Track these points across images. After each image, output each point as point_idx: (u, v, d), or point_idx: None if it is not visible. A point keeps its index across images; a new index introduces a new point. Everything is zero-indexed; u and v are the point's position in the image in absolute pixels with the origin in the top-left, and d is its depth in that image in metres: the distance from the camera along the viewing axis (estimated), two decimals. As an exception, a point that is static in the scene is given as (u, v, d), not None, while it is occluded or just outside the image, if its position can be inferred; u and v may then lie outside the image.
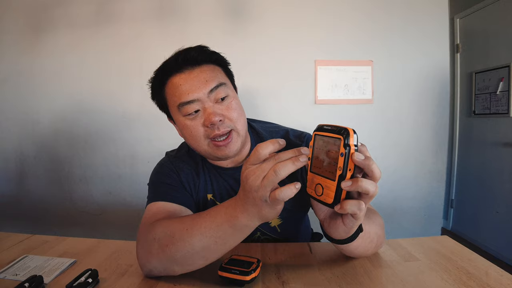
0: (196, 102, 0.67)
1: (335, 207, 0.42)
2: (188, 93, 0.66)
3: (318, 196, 0.43)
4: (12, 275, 0.62)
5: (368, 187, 0.40)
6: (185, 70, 0.69)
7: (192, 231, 0.52)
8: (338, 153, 0.40)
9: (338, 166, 0.40)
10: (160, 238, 0.56)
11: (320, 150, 0.42)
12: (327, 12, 2.11)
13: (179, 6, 2.08)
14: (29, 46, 2.11)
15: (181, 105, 0.68)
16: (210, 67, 0.71)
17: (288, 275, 0.62)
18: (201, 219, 0.53)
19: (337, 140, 0.40)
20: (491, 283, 0.57)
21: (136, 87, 2.09)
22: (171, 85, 0.70)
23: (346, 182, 0.40)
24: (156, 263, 0.57)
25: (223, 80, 0.71)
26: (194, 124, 0.68)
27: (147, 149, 2.11)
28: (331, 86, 2.11)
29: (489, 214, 2.31)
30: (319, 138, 0.43)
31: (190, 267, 0.56)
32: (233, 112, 0.69)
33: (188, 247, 0.52)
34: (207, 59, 0.71)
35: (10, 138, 2.18)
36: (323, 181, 0.42)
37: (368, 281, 0.59)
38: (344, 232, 0.50)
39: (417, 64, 2.14)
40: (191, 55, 0.70)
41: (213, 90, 0.68)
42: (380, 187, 1.87)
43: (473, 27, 2.48)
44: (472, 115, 2.49)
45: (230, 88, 0.73)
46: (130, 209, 2.11)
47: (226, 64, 0.77)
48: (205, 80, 0.67)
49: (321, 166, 0.42)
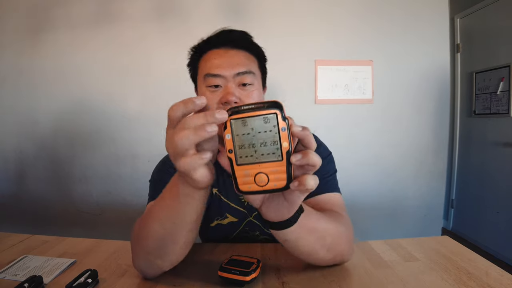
0: (221, 78, 0.70)
1: (291, 185, 0.37)
2: (217, 67, 0.70)
3: (262, 187, 0.37)
4: (12, 275, 0.62)
5: (315, 158, 0.37)
6: (222, 48, 0.73)
7: (152, 218, 0.52)
8: (278, 129, 0.36)
9: (281, 143, 0.36)
10: (136, 235, 0.57)
11: (245, 136, 0.37)
12: (327, 12, 2.11)
13: (179, 6, 2.08)
14: (29, 46, 2.11)
15: (207, 76, 0.71)
16: (246, 55, 0.74)
17: (288, 275, 0.62)
18: (157, 204, 0.52)
19: (272, 116, 0.36)
20: (491, 283, 0.57)
21: (136, 87, 2.09)
22: (206, 57, 0.74)
23: (296, 156, 0.36)
24: (140, 261, 0.57)
25: (254, 70, 0.73)
26: (212, 97, 0.70)
27: (147, 148, 2.11)
28: (331, 86, 2.11)
29: (489, 214, 2.30)
30: (238, 123, 0.36)
31: (168, 256, 0.54)
32: (251, 100, 0.71)
33: (154, 234, 0.52)
34: (247, 46, 0.75)
35: (10, 138, 2.18)
36: (264, 168, 0.37)
37: (368, 281, 0.59)
38: (286, 210, 0.45)
39: (417, 64, 2.14)
40: (232, 36, 0.74)
41: (240, 74, 0.70)
42: (380, 187, 1.87)
43: (473, 27, 2.47)
44: (472, 115, 2.49)
45: (258, 80, 0.75)
46: (130, 209, 2.11)
47: (263, 59, 0.80)
48: (236, 63, 0.70)
49: (254, 153, 0.37)
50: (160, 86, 2.08)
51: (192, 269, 0.64)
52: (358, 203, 2.12)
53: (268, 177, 0.37)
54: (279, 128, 0.36)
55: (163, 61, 2.07)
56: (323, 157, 0.77)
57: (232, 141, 0.37)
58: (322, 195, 0.71)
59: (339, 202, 0.73)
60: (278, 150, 0.36)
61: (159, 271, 0.58)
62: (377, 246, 0.76)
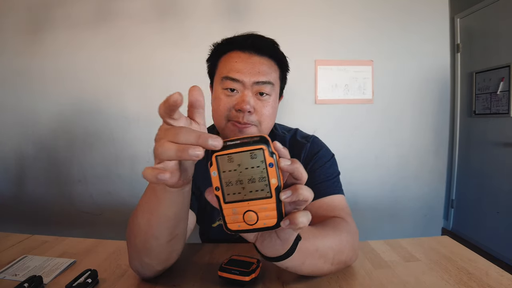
0: (239, 83, 0.69)
1: (281, 223, 0.36)
2: (238, 71, 0.68)
3: (252, 225, 0.36)
4: (12, 275, 0.62)
5: (306, 193, 0.36)
6: (247, 52, 0.71)
7: (136, 211, 0.52)
8: (266, 164, 0.34)
9: (270, 180, 0.34)
10: (127, 233, 0.56)
11: (232, 173, 0.35)
12: (327, 12, 2.11)
13: (179, 6, 2.08)
14: (28, 46, 2.11)
15: (225, 78, 0.69)
16: (270, 63, 0.73)
17: (288, 275, 0.61)
18: (140, 199, 0.51)
19: (258, 152, 0.34)
20: (492, 283, 0.57)
21: (136, 87, 2.09)
22: (228, 57, 0.72)
23: (286, 193, 0.35)
24: (133, 260, 0.56)
25: (274, 80, 0.72)
26: (226, 101, 0.70)
27: (147, 149, 2.11)
28: (331, 86, 2.11)
29: (489, 214, 2.30)
30: (223, 159, 0.35)
31: (154, 253, 0.53)
32: (265, 112, 0.71)
33: (137, 228, 0.51)
34: (271, 54, 0.73)
35: (10, 139, 2.17)
36: (254, 205, 0.35)
37: (368, 281, 0.59)
38: (281, 247, 0.44)
39: (417, 64, 2.14)
40: (261, 43, 0.72)
41: (259, 83, 0.69)
42: (381, 187, 1.87)
43: (473, 27, 2.48)
44: (472, 115, 2.49)
45: (276, 91, 0.74)
46: (130, 209, 2.10)
47: (286, 69, 0.79)
48: (258, 71, 0.69)
49: (242, 190, 0.35)
50: (159, 86, 2.08)
51: (192, 269, 0.64)
52: (358, 203, 2.12)
53: (257, 215, 0.36)
54: (267, 164, 0.34)
55: (163, 61, 2.07)
56: (325, 160, 0.77)
57: (219, 178, 0.36)
58: (326, 197, 0.70)
59: (342, 204, 0.71)
60: (267, 186, 0.35)
61: (153, 271, 0.57)
62: (377, 246, 0.76)
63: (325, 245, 0.55)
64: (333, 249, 0.56)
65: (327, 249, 0.55)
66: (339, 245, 0.58)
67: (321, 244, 0.54)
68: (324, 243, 0.55)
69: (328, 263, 0.56)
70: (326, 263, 0.56)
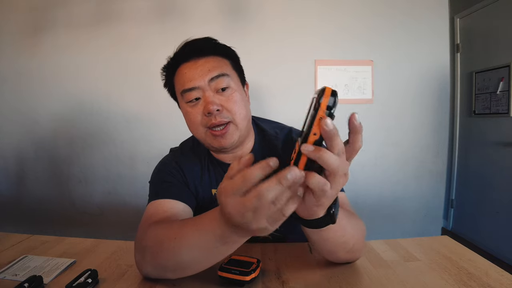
0: (197, 89, 0.69)
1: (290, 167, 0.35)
2: (190, 80, 0.69)
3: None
4: (12, 275, 0.62)
5: (330, 159, 0.34)
6: (191, 60, 0.71)
7: (180, 243, 0.50)
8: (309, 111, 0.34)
9: (304, 126, 0.34)
10: (151, 246, 0.55)
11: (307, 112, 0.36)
12: (327, 12, 2.11)
13: (178, 6, 2.08)
14: (28, 46, 2.11)
15: (183, 92, 0.70)
16: (217, 59, 0.72)
17: (288, 275, 0.62)
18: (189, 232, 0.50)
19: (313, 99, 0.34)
20: (492, 283, 0.57)
21: (136, 87, 2.09)
22: (178, 73, 0.73)
23: (307, 146, 0.34)
24: (150, 269, 0.57)
25: (227, 71, 0.72)
26: (194, 111, 0.70)
27: (147, 149, 2.11)
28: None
29: (489, 214, 2.30)
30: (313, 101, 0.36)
31: (183, 274, 0.55)
32: (233, 104, 0.70)
33: (178, 258, 0.51)
34: (214, 50, 0.73)
35: (10, 139, 2.18)
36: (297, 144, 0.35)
37: (368, 281, 0.59)
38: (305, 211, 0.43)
39: (417, 63, 2.14)
40: (197, 46, 0.72)
41: (213, 79, 0.69)
42: (381, 187, 1.87)
43: (473, 27, 2.47)
44: (472, 115, 2.48)
45: (234, 81, 0.73)
46: (130, 209, 2.11)
47: (235, 57, 0.78)
48: (207, 70, 0.69)
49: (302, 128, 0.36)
50: (159, 86, 2.07)
51: (192, 269, 0.64)
52: (358, 203, 2.12)
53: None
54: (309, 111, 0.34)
55: (163, 62, 2.06)
56: None
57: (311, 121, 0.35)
58: None
59: (347, 201, 0.74)
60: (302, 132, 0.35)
61: (165, 278, 0.58)
62: (377, 246, 0.76)
63: (350, 233, 0.57)
64: (354, 238, 0.59)
65: (350, 237, 0.58)
66: (358, 236, 0.60)
67: (349, 231, 0.56)
68: (350, 230, 0.57)
69: (346, 250, 0.59)
70: (344, 249, 0.59)
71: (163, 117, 2.09)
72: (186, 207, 0.71)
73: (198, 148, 0.82)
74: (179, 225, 0.53)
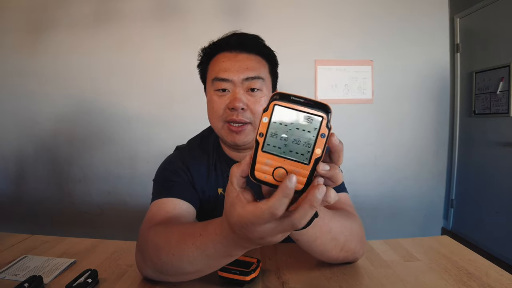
0: (229, 82, 0.69)
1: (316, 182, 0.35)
2: (226, 71, 0.69)
3: (277, 182, 0.35)
4: (12, 275, 0.62)
5: (340, 176, 0.35)
6: (233, 51, 0.71)
7: (181, 259, 0.50)
8: (318, 133, 0.33)
9: (315, 148, 0.34)
10: (151, 253, 0.55)
11: (281, 126, 0.34)
12: (327, 12, 2.11)
13: (179, 6, 2.08)
14: (28, 46, 2.11)
15: (215, 79, 0.70)
16: (257, 59, 0.73)
17: (288, 275, 0.62)
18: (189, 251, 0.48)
19: (317, 118, 0.33)
20: (492, 283, 0.57)
21: (136, 87, 2.09)
22: (216, 59, 0.73)
23: (325, 166, 0.34)
24: (150, 272, 0.57)
25: (263, 75, 0.72)
26: (219, 101, 0.70)
27: (147, 149, 2.11)
28: (331, 86, 2.11)
29: (489, 214, 2.30)
30: (280, 111, 0.34)
31: (183, 280, 0.55)
32: (259, 107, 0.70)
33: (178, 266, 0.51)
34: (258, 50, 0.73)
35: (10, 138, 2.17)
36: (288, 165, 0.35)
37: (368, 281, 0.59)
38: None
39: (417, 64, 2.14)
40: (244, 39, 0.72)
41: (249, 79, 0.69)
42: (381, 187, 1.86)
43: (473, 27, 2.47)
44: (472, 115, 2.48)
45: (267, 86, 0.74)
46: (130, 209, 2.11)
47: (275, 62, 0.79)
48: (246, 67, 0.69)
49: (283, 146, 0.34)
50: (159, 86, 2.08)
51: (192, 269, 0.64)
52: (358, 203, 2.10)
53: (287, 175, 0.35)
54: (319, 133, 0.33)
55: (162, 62, 2.07)
56: None
57: (267, 125, 0.34)
58: None
59: (348, 201, 0.74)
60: (308, 153, 0.34)
61: (164, 280, 0.58)
62: (377, 246, 0.76)
63: (337, 229, 0.56)
64: (344, 235, 0.58)
65: (339, 234, 0.57)
66: (349, 233, 0.60)
67: (335, 227, 0.56)
68: (337, 226, 0.56)
69: (338, 248, 0.58)
70: (336, 248, 0.58)
71: (163, 117, 2.10)
72: (190, 207, 0.70)
73: (206, 144, 0.81)
74: (178, 239, 0.51)
